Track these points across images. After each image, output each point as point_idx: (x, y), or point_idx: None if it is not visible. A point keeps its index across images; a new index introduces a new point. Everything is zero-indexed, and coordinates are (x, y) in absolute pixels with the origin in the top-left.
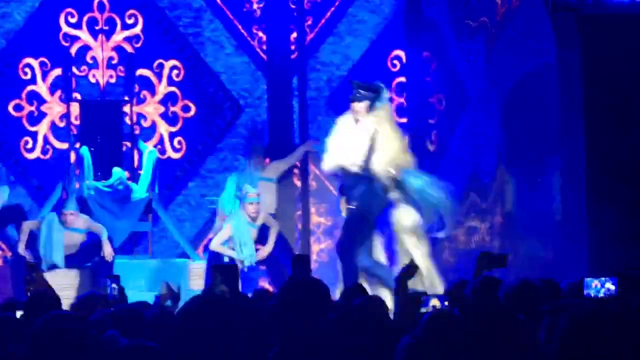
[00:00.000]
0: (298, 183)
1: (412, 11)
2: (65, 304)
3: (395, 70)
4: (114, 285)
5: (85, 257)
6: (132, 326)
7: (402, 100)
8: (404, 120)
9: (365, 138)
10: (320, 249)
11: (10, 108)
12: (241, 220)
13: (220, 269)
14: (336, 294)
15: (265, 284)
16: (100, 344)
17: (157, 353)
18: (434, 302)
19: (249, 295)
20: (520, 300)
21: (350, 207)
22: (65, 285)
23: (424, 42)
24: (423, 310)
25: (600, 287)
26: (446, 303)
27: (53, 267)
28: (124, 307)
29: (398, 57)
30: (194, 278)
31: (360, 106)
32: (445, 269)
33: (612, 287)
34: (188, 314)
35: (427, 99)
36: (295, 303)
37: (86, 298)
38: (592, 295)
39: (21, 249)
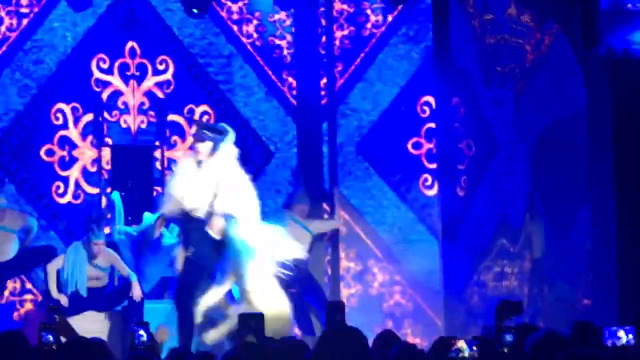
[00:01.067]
0: None
1: (441, 57)
2: None
3: (424, 116)
4: (141, 332)
5: (114, 301)
6: None
7: (431, 145)
8: (434, 165)
9: (208, 181)
10: (350, 293)
11: (42, 153)
12: None
13: (247, 317)
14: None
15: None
16: None
17: None
18: (461, 344)
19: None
20: (545, 352)
21: (187, 254)
22: (94, 330)
23: (454, 88)
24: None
25: (619, 336)
26: (475, 348)
27: (75, 292)
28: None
29: (427, 103)
30: None
31: (203, 147)
32: (475, 314)
33: (628, 337)
34: None
35: (457, 144)
36: (335, 352)
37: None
38: (610, 344)
39: (53, 291)
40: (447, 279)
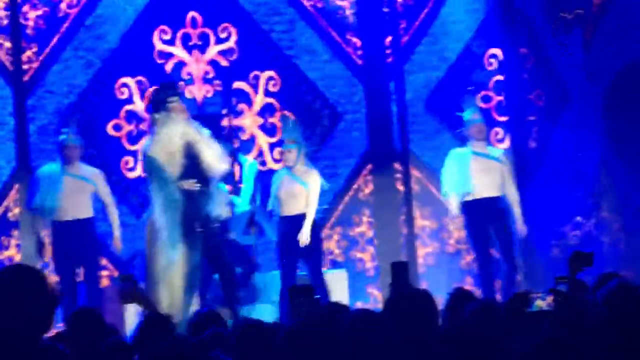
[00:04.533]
0: (401, 187)
1: (506, 8)
2: None
3: (492, 68)
4: None
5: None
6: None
7: (501, 98)
8: (504, 118)
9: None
10: (427, 252)
11: (109, 128)
12: None
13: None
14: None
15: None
16: None
17: None
18: (540, 302)
19: None
20: (618, 305)
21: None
22: None
23: (520, 39)
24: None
25: None
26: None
27: None
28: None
29: (494, 56)
30: None
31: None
32: (556, 266)
33: None
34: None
35: (526, 95)
36: (403, 314)
37: (204, 315)
38: None
39: None
40: None
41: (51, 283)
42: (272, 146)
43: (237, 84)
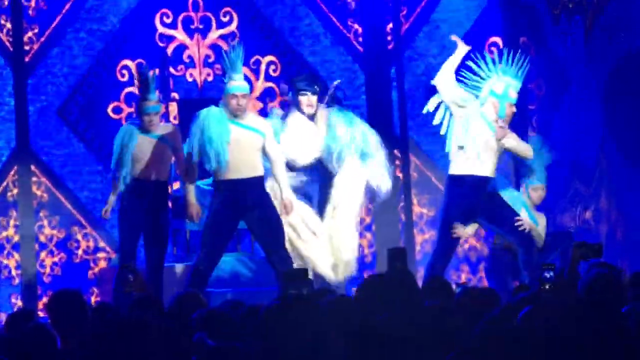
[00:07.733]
0: (399, 174)
1: None
2: None
3: (493, 57)
4: None
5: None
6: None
7: None
8: None
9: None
10: (424, 239)
11: (109, 110)
12: None
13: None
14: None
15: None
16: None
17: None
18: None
19: None
20: (598, 293)
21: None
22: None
23: (521, 27)
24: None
25: None
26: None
27: None
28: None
29: (495, 44)
30: None
31: (314, 99)
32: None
33: None
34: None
35: (527, 84)
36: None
37: (185, 297)
38: None
39: None
40: None
41: None
42: None
43: None
